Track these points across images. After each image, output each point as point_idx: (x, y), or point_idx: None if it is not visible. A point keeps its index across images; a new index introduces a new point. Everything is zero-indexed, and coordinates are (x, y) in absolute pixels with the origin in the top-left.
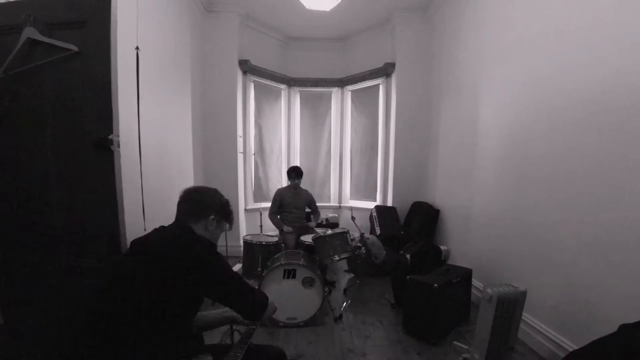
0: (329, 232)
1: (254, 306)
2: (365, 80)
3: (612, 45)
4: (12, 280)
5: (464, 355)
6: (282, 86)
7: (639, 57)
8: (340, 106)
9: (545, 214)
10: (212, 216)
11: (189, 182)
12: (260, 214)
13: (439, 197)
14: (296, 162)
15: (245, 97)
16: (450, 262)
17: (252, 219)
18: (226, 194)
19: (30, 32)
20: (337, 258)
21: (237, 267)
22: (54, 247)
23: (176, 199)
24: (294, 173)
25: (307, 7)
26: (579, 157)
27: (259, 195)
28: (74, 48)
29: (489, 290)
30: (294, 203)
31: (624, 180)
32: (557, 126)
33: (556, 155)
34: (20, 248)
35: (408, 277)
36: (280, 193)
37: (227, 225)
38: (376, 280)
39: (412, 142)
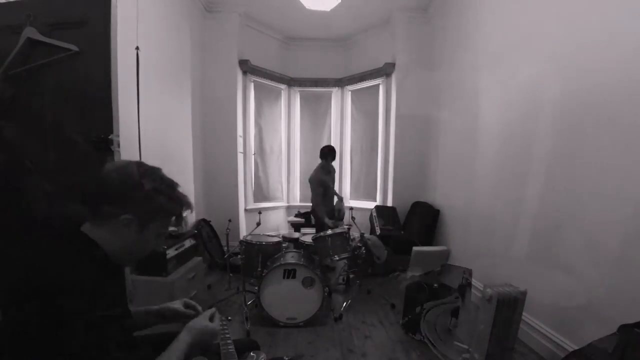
0: (329, 232)
1: None
2: (365, 80)
3: (612, 44)
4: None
5: (464, 355)
6: (282, 86)
7: (637, 57)
8: (340, 106)
9: (545, 214)
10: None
11: (189, 182)
12: (260, 213)
13: (439, 197)
14: (296, 162)
15: (245, 97)
16: (450, 262)
17: (252, 219)
18: (226, 194)
19: (30, 32)
20: (337, 258)
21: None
22: None
23: None
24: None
25: (307, 7)
26: (580, 156)
27: (259, 195)
28: (74, 48)
29: (489, 290)
30: (332, 185)
31: (625, 178)
32: (558, 125)
33: (557, 154)
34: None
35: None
36: (322, 180)
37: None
38: (376, 280)
39: (412, 142)
